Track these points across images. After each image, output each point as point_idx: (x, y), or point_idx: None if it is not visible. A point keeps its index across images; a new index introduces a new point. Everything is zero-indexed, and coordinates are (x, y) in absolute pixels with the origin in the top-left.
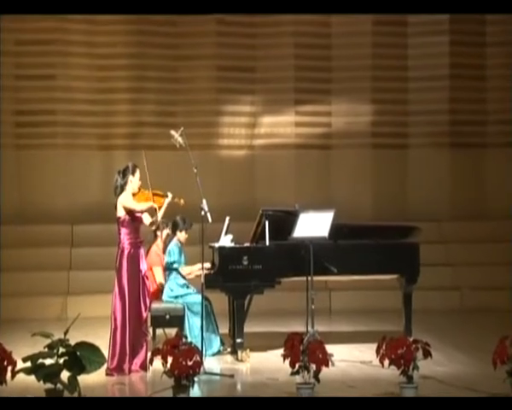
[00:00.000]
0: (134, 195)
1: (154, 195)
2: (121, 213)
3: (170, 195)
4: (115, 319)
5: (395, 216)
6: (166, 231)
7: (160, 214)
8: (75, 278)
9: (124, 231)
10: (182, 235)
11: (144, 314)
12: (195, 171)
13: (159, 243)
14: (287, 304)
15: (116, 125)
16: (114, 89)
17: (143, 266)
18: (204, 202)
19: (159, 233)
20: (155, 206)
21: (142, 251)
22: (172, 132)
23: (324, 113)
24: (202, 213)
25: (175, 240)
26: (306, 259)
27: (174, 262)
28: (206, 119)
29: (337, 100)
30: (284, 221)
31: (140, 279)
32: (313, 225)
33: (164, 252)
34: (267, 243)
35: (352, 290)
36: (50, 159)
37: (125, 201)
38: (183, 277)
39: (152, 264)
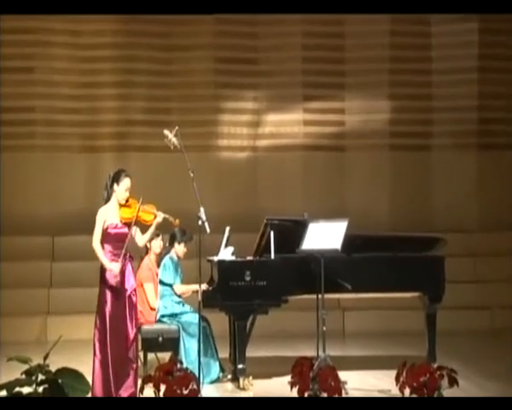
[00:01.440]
0: (120, 206)
1: (142, 211)
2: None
3: (161, 215)
4: (94, 345)
5: (416, 226)
6: (159, 243)
7: (147, 236)
8: (56, 295)
9: (106, 244)
10: (180, 248)
11: (131, 337)
12: (192, 175)
13: (151, 255)
14: (294, 325)
15: (102, 123)
16: (100, 83)
17: (129, 284)
18: (201, 210)
19: (148, 245)
20: (110, 267)
21: (129, 267)
22: (166, 132)
23: (336, 110)
24: (199, 222)
25: (171, 253)
26: (317, 274)
27: (168, 277)
28: (204, 117)
29: (351, 95)
30: (291, 232)
31: (125, 299)
32: (324, 236)
33: (158, 265)
34: (272, 256)
35: (368, 310)
36: (29, 162)
37: (98, 218)
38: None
39: (143, 279)
